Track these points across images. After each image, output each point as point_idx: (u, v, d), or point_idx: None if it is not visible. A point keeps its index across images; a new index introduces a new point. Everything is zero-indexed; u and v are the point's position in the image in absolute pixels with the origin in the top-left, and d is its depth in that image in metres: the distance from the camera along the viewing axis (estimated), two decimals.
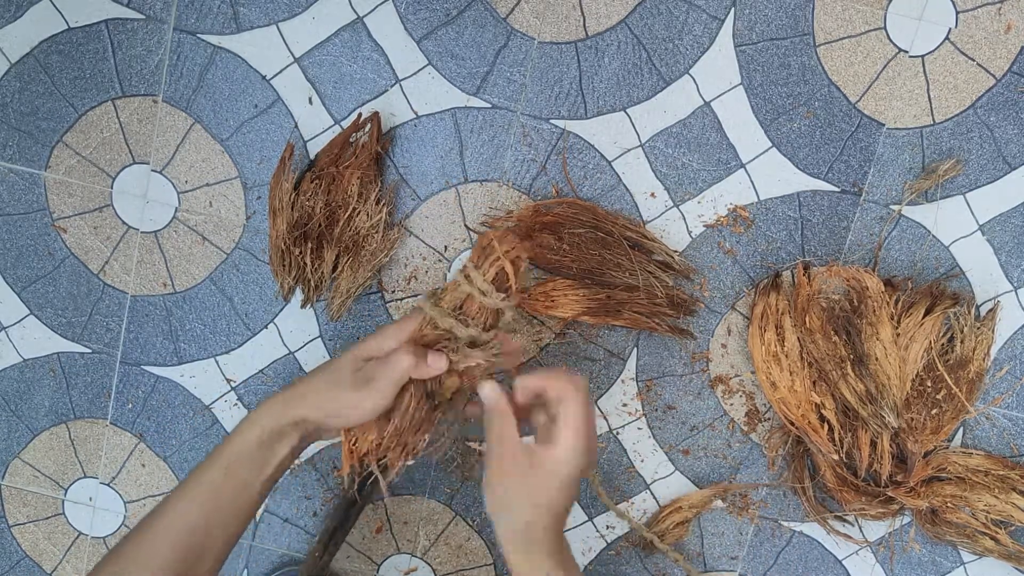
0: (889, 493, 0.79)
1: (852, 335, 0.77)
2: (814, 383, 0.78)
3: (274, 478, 0.61)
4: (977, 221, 0.79)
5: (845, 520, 0.83)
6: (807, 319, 0.76)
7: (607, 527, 0.85)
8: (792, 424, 0.78)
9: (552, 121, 0.78)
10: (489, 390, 0.63)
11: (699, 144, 0.78)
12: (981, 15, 0.75)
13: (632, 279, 0.77)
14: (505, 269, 0.61)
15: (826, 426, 0.78)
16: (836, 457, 0.78)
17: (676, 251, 0.79)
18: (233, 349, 0.83)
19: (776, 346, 0.77)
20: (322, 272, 0.78)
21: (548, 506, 0.60)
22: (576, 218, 0.76)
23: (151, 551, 0.57)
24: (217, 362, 0.84)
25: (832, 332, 0.77)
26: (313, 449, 0.85)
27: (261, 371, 0.84)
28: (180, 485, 0.60)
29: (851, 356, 0.77)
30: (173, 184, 0.81)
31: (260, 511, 0.86)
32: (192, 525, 0.58)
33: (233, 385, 0.84)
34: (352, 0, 0.76)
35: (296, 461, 0.81)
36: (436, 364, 0.61)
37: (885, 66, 0.76)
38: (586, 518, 0.85)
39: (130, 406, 0.85)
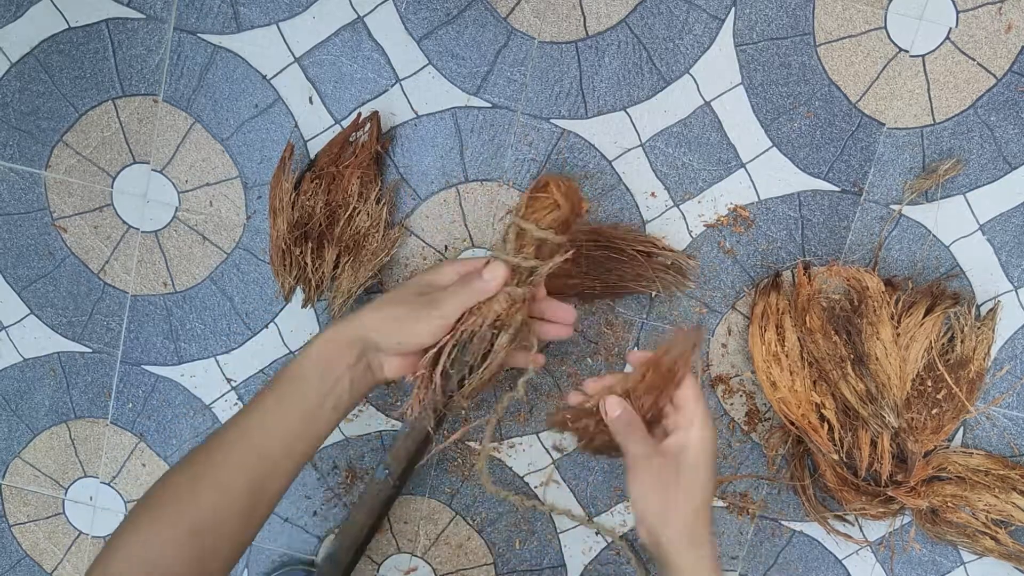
0: (889, 493, 0.79)
1: (852, 335, 0.77)
2: (814, 383, 0.78)
3: (336, 405, 0.61)
4: (977, 221, 0.79)
5: (845, 520, 0.84)
6: (807, 319, 0.76)
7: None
8: (792, 424, 0.78)
9: (552, 121, 0.78)
10: (614, 403, 0.62)
11: (699, 144, 0.78)
12: (981, 15, 0.75)
13: (652, 287, 0.78)
14: (561, 209, 0.63)
15: (826, 426, 0.78)
16: (836, 457, 0.78)
17: (690, 256, 0.79)
18: (233, 349, 0.83)
19: (776, 346, 0.77)
20: (322, 272, 0.78)
21: (703, 502, 0.60)
22: (588, 241, 0.76)
23: (211, 479, 0.56)
24: (217, 362, 0.84)
25: (832, 332, 0.77)
26: None
27: (261, 371, 0.84)
28: (242, 410, 0.60)
29: (851, 356, 0.77)
30: (173, 184, 0.81)
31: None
32: (255, 451, 0.58)
33: (233, 385, 0.84)
34: (352, 0, 0.76)
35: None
36: (497, 277, 0.61)
37: (885, 66, 0.76)
38: (586, 518, 0.85)
39: (130, 406, 0.85)
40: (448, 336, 0.62)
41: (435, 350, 0.62)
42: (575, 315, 0.70)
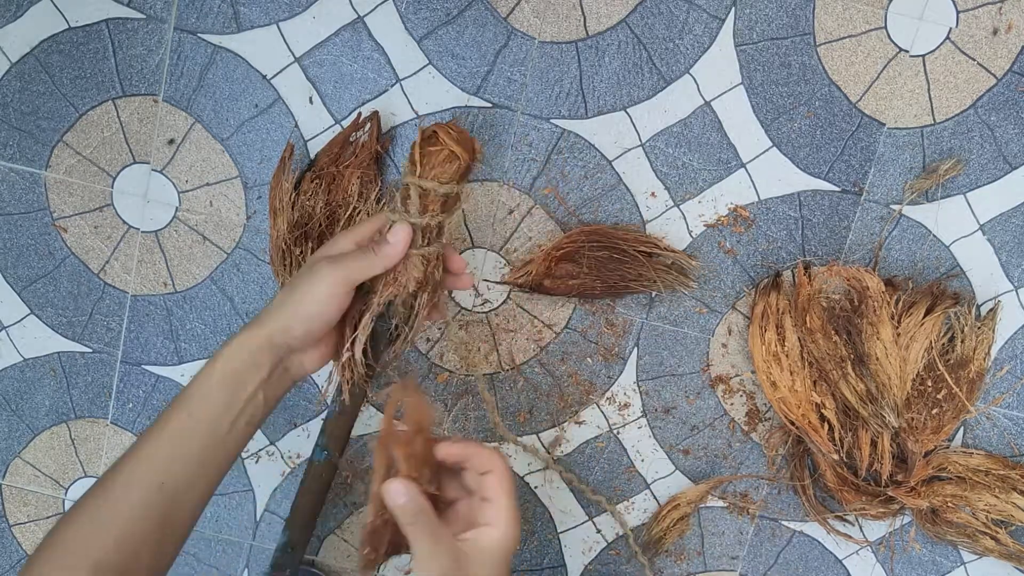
0: (889, 493, 0.79)
1: (852, 335, 0.77)
2: (814, 383, 0.78)
3: (250, 420, 0.56)
4: (978, 221, 0.79)
5: (845, 520, 0.83)
6: (808, 319, 0.76)
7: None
8: (792, 424, 0.78)
9: (552, 121, 0.78)
10: (398, 490, 0.51)
11: (700, 144, 0.78)
12: (982, 15, 0.75)
13: (653, 287, 0.78)
14: (459, 158, 0.61)
15: (826, 426, 0.78)
16: (836, 457, 0.78)
17: (691, 256, 0.79)
18: None
19: (776, 346, 0.77)
20: None
21: None
22: (590, 242, 0.77)
23: (112, 513, 0.52)
24: None
25: (832, 332, 0.77)
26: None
27: None
28: (143, 434, 0.54)
29: (851, 356, 0.77)
30: (173, 184, 0.81)
31: (258, 512, 0.86)
32: (158, 480, 0.52)
33: None
34: (352, 0, 0.76)
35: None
36: (397, 241, 0.57)
37: (886, 66, 0.76)
38: (586, 518, 0.85)
39: (131, 406, 0.85)
40: (367, 311, 0.60)
41: (353, 332, 0.60)
42: (466, 263, 0.66)
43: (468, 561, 0.51)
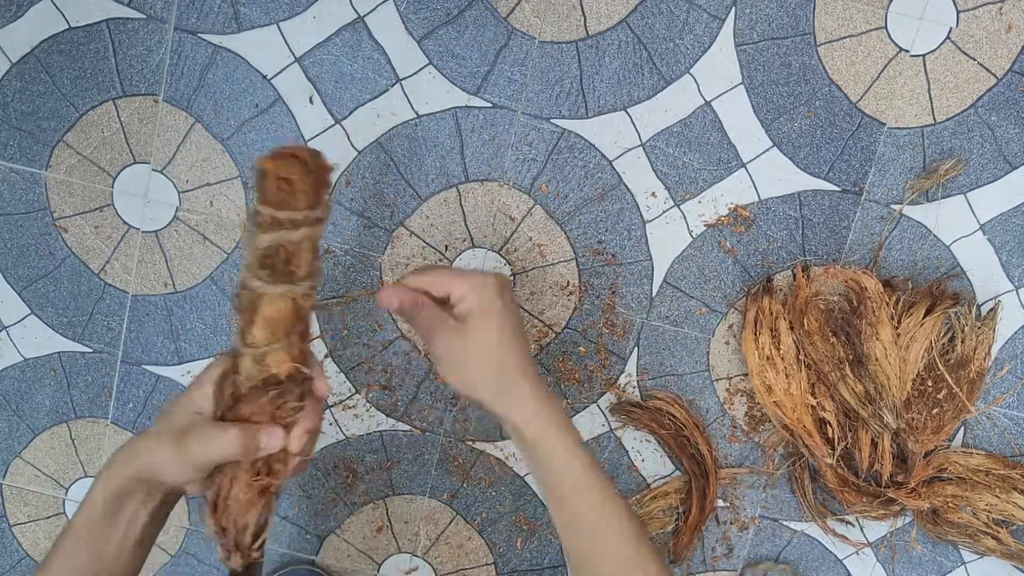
0: (890, 495, 0.79)
1: (851, 336, 0.77)
2: (812, 385, 0.78)
3: (138, 542, 0.54)
4: (978, 220, 0.79)
5: (846, 521, 0.83)
6: (805, 321, 0.76)
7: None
8: (786, 428, 0.78)
9: (553, 121, 0.78)
10: (394, 292, 0.57)
11: (700, 143, 0.78)
12: (982, 14, 0.75)
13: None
14: (282, 180, 0.46)
15: (828, 428, 0.78)
16: (830, 461, 0.78)
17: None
18: None
19: (771, 349, 0.77)
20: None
21: (505, 357, 0.57)
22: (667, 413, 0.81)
23: None
24: None
25: (831, 333, 0.77)
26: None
27: None
28: (39, 568, 0.54)
29: (850, 357, 0.77)
30: (174, 184, 0.81)
31: None
32: None
33: None
34: (352, 0, 0.76)
35: None
36: (270, 442, 0.51)
37: (886, 65, 0.76)
38: None
39: (131, 405, 0.85)
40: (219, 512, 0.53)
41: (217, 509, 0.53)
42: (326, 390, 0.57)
43: (462, 330, 0.57)
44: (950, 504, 0.79)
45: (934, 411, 0.78)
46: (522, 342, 0.59)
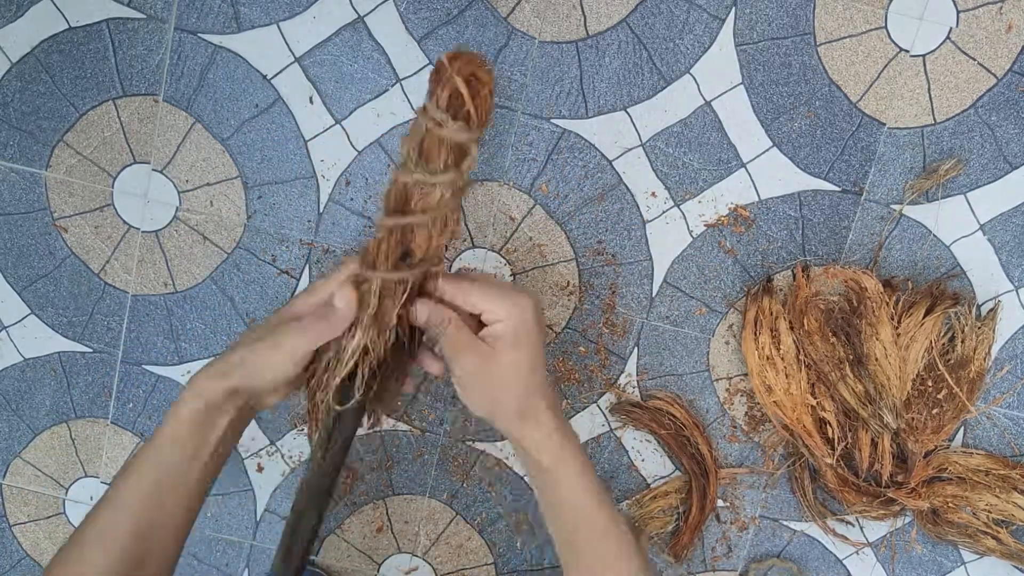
0: (890, 495, 0.79)
1: (851, 336, 0.77)
2: (812, 385, 0.78)
3: (217, 460, 0.56)
4: (978, 220, 0.79)
5: (846, 521, 0.83)
6: (805, 321, 0.76)
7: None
8: (786, 428, 0.78)
9: (553, 120, 0.78)
10: (424, 306, 0.55)
11: (700, 143, 0.78)
12: (982, 14, 0.75)
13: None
14: (459, 90, 0.48)
15: (828, 428, 0.78)
16: (830, 461, 0.78)
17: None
18: None
19: (771, 349, 0.77)
20: None
21: (530, 382, 0.56)
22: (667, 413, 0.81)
23: (91, 562, 0.52)
24: None
25: (831, 333, 0.77)
26: None
27: None
28: (112, 484, 0.55)
29: (850, 357, 0.77)
30: (174, 183, 0.81)
31: (260, 512, 0.86)
32: (128, 527, 0.53)
33: None
34: (352, 0, 0.76)
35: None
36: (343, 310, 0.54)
37: (886, 65, 0.76)
38: None
39: (131, 405, 0.85)
40: (316, 374, 0.56)
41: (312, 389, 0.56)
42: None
43: (492, 355, 0.55)
44: (950, 504, 0.79)
45: (934, 411, 0.78)
46: (544, 366, 0.58)
